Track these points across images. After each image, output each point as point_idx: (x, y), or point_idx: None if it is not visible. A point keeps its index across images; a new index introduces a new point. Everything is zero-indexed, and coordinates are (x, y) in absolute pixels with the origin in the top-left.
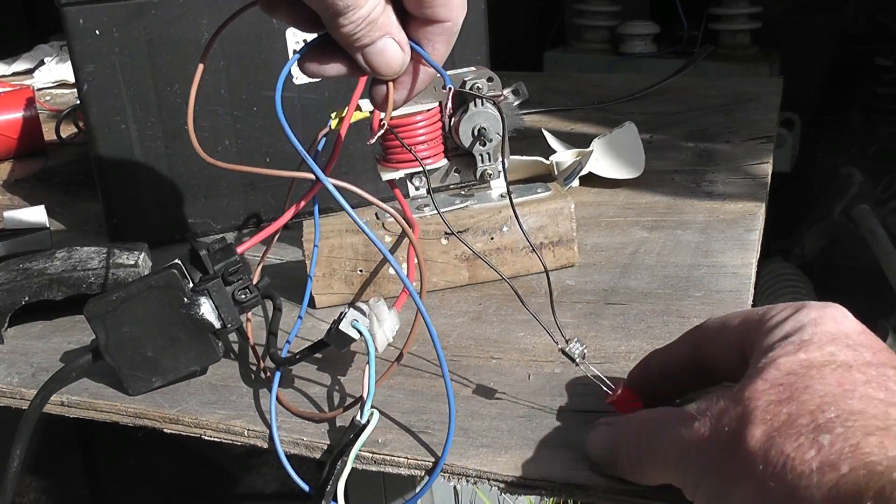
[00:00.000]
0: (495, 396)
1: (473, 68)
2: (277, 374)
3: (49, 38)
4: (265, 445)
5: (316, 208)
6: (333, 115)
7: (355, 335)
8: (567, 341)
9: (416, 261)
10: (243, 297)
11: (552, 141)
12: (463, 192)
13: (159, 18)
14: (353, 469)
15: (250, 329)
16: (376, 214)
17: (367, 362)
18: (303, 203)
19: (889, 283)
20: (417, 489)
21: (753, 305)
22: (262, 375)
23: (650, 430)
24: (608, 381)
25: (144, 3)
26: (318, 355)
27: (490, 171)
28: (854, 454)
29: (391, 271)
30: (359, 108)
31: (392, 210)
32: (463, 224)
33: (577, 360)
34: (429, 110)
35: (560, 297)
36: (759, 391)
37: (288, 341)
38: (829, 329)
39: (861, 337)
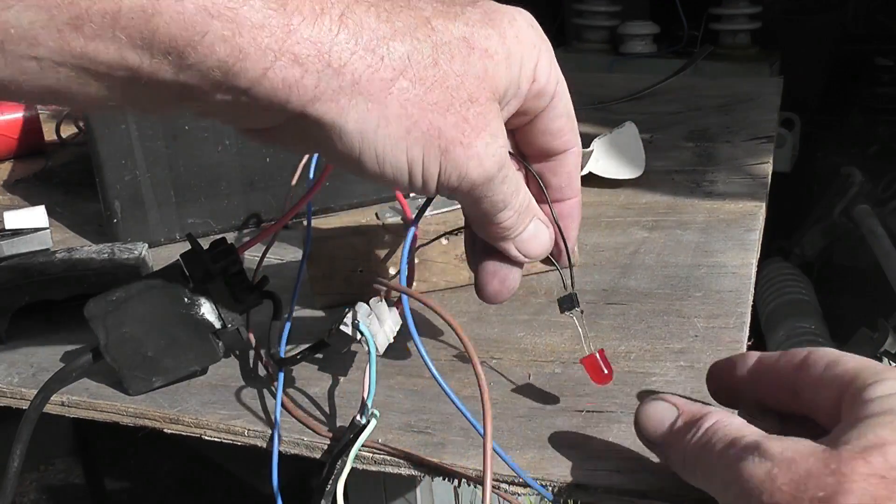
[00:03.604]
0: (494, 399)
1: None
2: (281, 375)
3: None
4: (265, 445)
5: (309, 206)
6: None
7: (356, 335)
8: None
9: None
10: (243, 297)
11: None
12: None
13: None
14: (352, 469)
15: (251, 329)
16: (376, 214)
17: (368, 362)
18: (303, 203)
19: (889, 283)
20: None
21: (754, 305)
22: (262, 375)
23: (717, 453)
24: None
25: None
26: (319, 355)
27: None
28: None
29: (392, 271)
30: None
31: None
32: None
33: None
34: None
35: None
36: (859, 473)
37: (288, 341)
38: None
39: None
